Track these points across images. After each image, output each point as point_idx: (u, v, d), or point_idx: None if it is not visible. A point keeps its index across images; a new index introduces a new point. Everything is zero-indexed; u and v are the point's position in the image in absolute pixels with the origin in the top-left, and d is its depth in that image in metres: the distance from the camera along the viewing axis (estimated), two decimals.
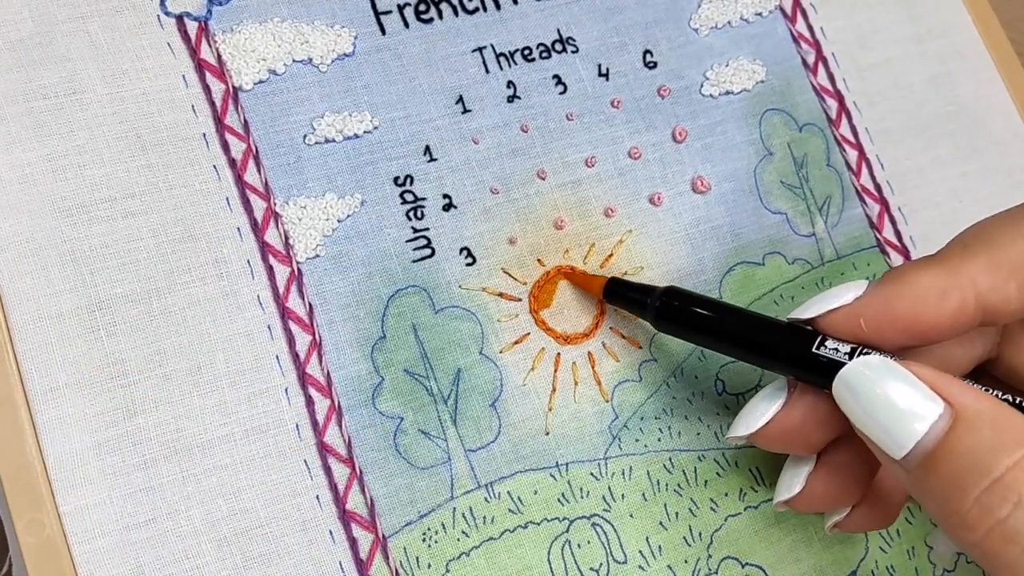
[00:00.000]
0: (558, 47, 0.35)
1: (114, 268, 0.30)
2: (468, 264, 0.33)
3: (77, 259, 0.29)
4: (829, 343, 0.27)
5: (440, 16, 0.34)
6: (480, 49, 0.35)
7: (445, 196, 0.33)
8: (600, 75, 0.36)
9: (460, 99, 0.34)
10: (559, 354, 0.33)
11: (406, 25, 0.34)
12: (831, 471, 0.29)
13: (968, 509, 0.23)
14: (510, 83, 0.34)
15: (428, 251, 0.32)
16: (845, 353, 0.27)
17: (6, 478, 0.28)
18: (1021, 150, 0.41)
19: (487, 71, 0.34)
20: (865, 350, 0.27)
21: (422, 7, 0.34)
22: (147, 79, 0.31)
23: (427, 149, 0.33)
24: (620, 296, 0.32)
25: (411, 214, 0.33)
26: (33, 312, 0.29)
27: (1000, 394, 0.26)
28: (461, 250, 0.33)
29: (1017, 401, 0.26)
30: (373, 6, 0.34)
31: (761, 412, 0.29)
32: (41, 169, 0.30)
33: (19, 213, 0.29)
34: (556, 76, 0.35)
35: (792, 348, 0.28)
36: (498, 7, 0.35)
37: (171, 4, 0.32)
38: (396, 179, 0.33)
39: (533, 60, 0.35)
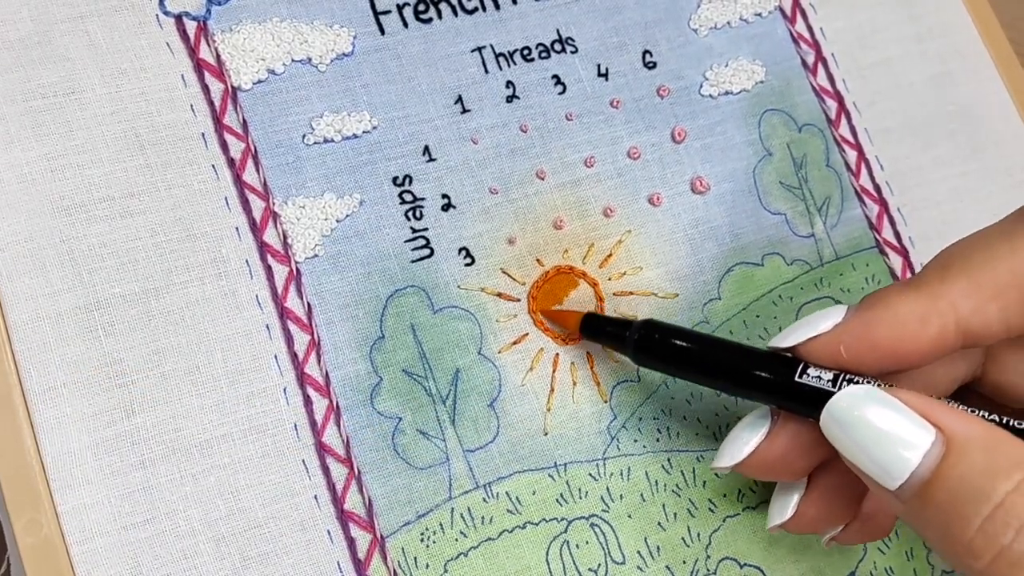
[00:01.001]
0: (557, 47, 0.35)
1: (112, 268, 0.30)
2: (467, 264, 0.33)
3: (75, 259, 0.29)
4: (811, 371, 0.27)
5: (439, 16, 0.34)
6: (479, 49, 0.35)
7: (444, 196, 0.33)
8: (599, 75, 0.36)
9: (459, 99, 0.34)
10: (558, 354, 0.33)
11: (405, 25, 0.34)
12: (822, 494, 0.29)
13: (972, 538, 0.23)
14: (509, 83, 0.34)
15: (427, 251, 0.32)
16: (828, 380, 0.27)
17: (4, 478, 0.28)
18: (1021, 150, 0.41)
19: (486, 71, 0.34)
20: (848, 377, 0.27)
21: (421, 7, 0.34)
22: (146, 79, 0.31)
23: (426, 149, 0.33)
24: (597, 331, 0.32)
25: (410, 214, 0.33)
26: (31, 312, 0.29)
27: (987, 414, 0.26)
28: (460, 250, 0.33)
29: (1006, 421, 0.26)
30: (372, 6, 0.34)
31: (744, 442, 0.29)
32: (40, 168, 0.30)
33: (18, 212, 0.29)
34: (555, 76, 0.35)
35: (774, 378, 0.28)
36: (497, 7, 0.35)
37: (170, 4, 0.32)
38: (395, 179, 0.33)
39: (532, 60, 0.35)
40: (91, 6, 0.31)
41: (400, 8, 0.34)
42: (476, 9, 0.35)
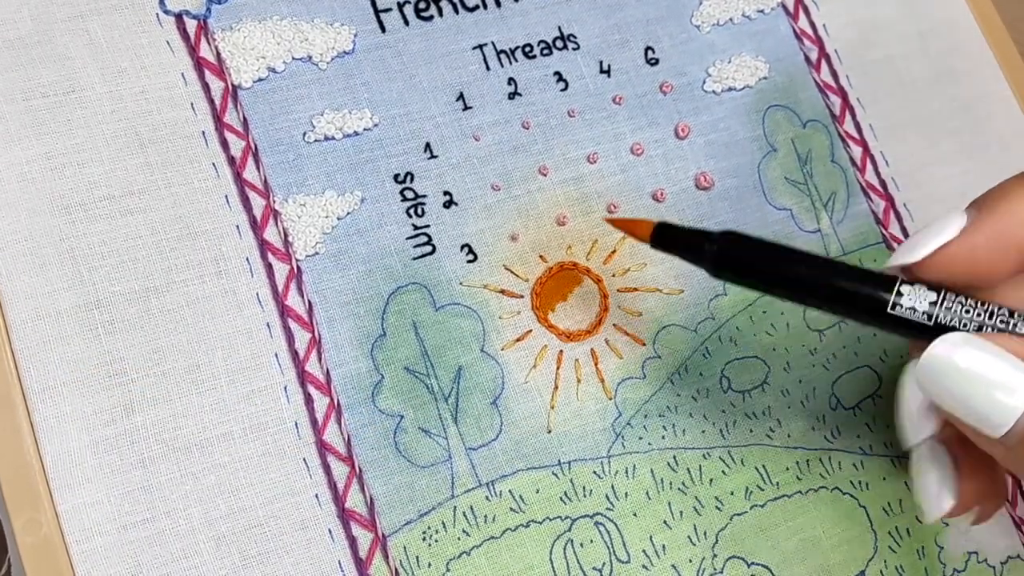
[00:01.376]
0: (559, 44, 0.35)
1: (113, 266, 0.29)
2: (469, 261, 0.32)
3: (76, 257, 0.29)
4: (905, 300, 0.26)
5: (440, 14, 0.34)
6: (480, 46, 0.34)
7: (446, 193, 0.33)
8: (602, 72, 0.35)
9: (461, 96, 0.34)
10: (561, 351, 0.33)
11: (406, 23, 0.34)
12: (973, 468, 0.27)
13: None
14: (511, 80, 0.34)
15: (429, 248, 0.32)
16: (923, 313, 0.25)
17: (4, 477, 0.27)
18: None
19: (488, 68, 0.34)
20: (945, 304, 0.25)
21: (422, 5, 0.34)
22: (146, 77, 0.31)
23: (427, 146, 0.33)
24: (671, 243, 0.29)
25: (411, 211, 0.32)
26: (31, 310, 0.29)
27: None
28: (462, 247, 0.32)
29: None
30: (373, 4, 0.34)
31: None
32: (40, 167, 0.30)
33: (18, 211, 0.29)
34: (557, 73, 0.35)
35: (865, 305, 0.26)
36: (498, 4, 0.35)
37: (170, 2, 0.32)
38: (396, 176, 0.32)
39: (534, 57, 0.35)
40: (91, 5, 0.31)
41: (401, 6, 0.34)
42: (477, 6, 0.35)
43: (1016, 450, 0.23)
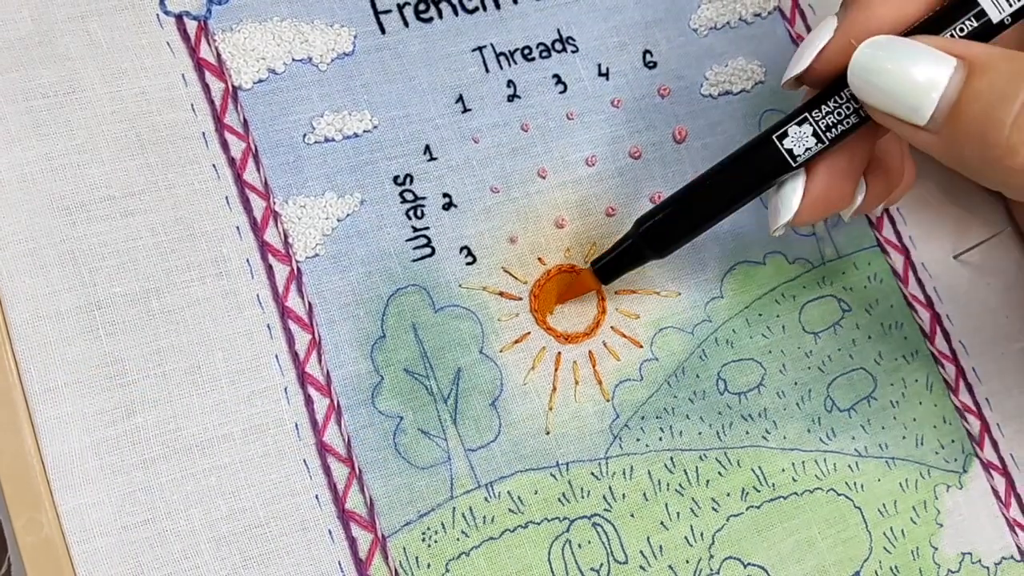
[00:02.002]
0: (558, 47, 0.35)
1: (113, 267, 0.29)
2: (468, 263, 0.33)
3: (76, 258, 0.29)
4: (787, 139, 0.29)
5: (440, 15, 0.34)
6: (480, 48, 0.35)
7: (445, 195, 0.33)
8: (600, 75, 0.36)
9: (460, 98, 0.34)
10: (560, 353, 0.33)
11: (406, 24, 0.34)
12: (824, 174, 0.30)
13: (1008, 135, 0.24)
14: (510, 82, 0.34)
15: (428, 250, 0.32)
16: (812, 135, 0.28)
17: (5, 477, 0.27)
18: None
19: (487, 70, 0.34)
20: (829, 123, 0.28)
21: (422, 6, 0.34)
22: (146, 78, 0.31)
23: (427, 148, 0.33)
24: (612, 268, 0.32)
25: (411, 213, 0.33)
26: (32, 311, 0.29)
27: None
28: (461, 249, 0.33)
29: None
30: (373, 5, 0.34)
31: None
32: (40, 168, 0.30)
33: (18, 212, 0.29)
34: (556, 75, 0.35)
35: (773, 168, 0.29)
36: (498, 7, 0.35)
37: (170, 3, 0.32)
38: (396, 178, 0.33)
39: (533, 59, 0.35)
40: (92, 5, 0.31)
41: (401, 7, 0.34)
42: (477, 8, 0.35)
43: (944, 132, 0.25)
